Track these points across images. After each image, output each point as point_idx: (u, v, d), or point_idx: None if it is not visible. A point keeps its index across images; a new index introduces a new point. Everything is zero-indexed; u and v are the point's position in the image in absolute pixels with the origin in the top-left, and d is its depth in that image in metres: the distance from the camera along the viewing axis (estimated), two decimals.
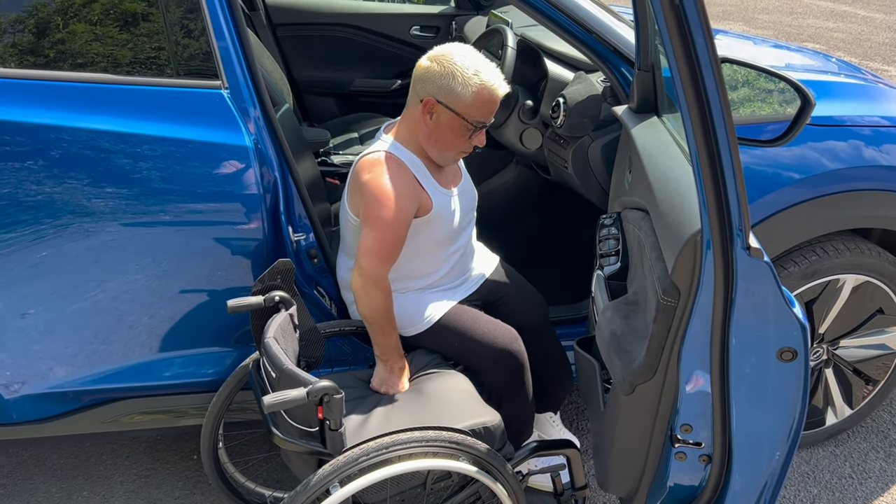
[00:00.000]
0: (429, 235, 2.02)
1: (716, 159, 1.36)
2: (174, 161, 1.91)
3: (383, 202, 1.87)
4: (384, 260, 1.89)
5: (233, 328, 2.15)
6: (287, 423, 1.68)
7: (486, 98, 1.90)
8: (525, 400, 2.16)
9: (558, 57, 2.49)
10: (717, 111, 1.33)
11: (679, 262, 1.50)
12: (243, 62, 1.95)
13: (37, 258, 1.92)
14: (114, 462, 2.53)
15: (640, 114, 2.08)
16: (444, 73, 1.88)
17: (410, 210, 1.92)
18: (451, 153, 1.99)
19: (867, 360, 2.50)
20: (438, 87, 1.89)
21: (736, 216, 1.40)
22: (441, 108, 1.91)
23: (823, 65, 2.84)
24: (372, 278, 1.87)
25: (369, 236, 1.89)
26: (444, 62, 1.89)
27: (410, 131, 1.99)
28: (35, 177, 1.85)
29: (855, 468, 2.57)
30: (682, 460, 1.71)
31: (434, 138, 1.96)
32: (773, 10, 10.15)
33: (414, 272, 2.07)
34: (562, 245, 3.08)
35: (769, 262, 1.46)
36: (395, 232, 1.89)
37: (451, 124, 1.92)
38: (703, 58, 1.29)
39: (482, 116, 1.93)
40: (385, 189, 1.88)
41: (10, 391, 2.07)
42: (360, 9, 3.94)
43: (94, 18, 1.91)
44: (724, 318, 1.50)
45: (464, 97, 1.88)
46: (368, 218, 1.90)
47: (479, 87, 1.88)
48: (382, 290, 1.89)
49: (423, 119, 1.94)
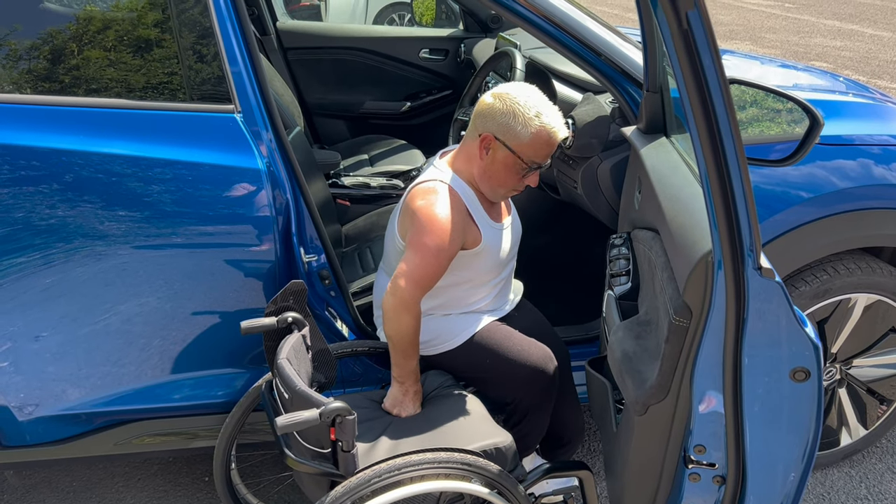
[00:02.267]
0: (478, 267, 2.04)
1: (726, 180, 1.36)
2: (187, 184, 1.93)
3: (432, 230, 1.89)
4: (420, 286, 1.89)
5: (245, 349, 2.16)
6: (300, 444, 1.68)
7: (544, 140, 1.92)
8: (545, 421, 2.17)
9: (566, 78, 2.51)
10: (726, 132, 1.33)
11: (690, 282, 1.50)
12: (255, 86, 1.97)
13: (50, 281, 1.94)
14: (126, 484, 2.54)
15: (648, 134, 2.09)
16: (506, 112, 1.91)
17: (457, 243, 1.93)
18: (502, 190, 2.01)
19: (881, 379, 2.48)
20: (498, 124, 1.92)
21: (747, 236, 1.40)
22: (498, 144, 1.93)
23: (831, 84, 2.85)
24: (404, 301, 1.87)
25: (411, 260, 1.89)
26: (508, 100, 1.92)
27: (466, 164, 2.01)
28: (48, 201, 1.87)
29: (871, 489, 2.54)
30: (696, 481, 1.70)
31: (488, 174, 1.98)
32: (780, 29, 10.19)
33: (459, 300, 2.08)
34: (571, 265, 3.08)
35: (780, 281, 1.46)
36: (437, 261, 1.90)
37: (506, 161, 1.94)
38: (712, 79, 1.30)
39: (538, 158, 1.95)
40: (435, 218, 1.89)
41: (24, 413, 2.08)
42: (370, 32, 3.99)
43: (108, 45, 1.94)
44: (737, 338, 1.50)
45: (522, 137, 1.91)
46: (414, 243, 1.90)
47: (539, 128, 1.90)
48: (413, 315, 1.89)
49: (480, 153, 1.96)
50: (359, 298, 2.47)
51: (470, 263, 2.01)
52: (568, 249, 3.16)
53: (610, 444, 2.00)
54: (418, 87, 3.84)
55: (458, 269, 1.99)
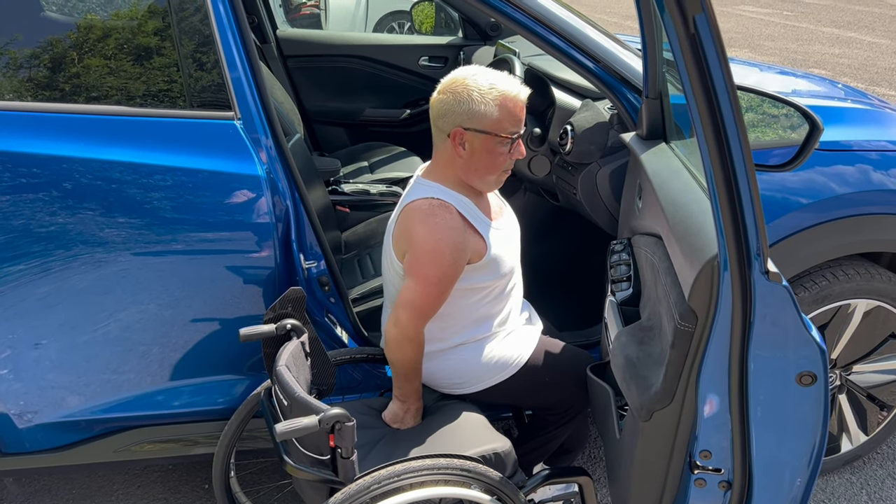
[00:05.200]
0: (492, 274, 1.95)
1: (733, 183, 1.36)
2: (187, 191, 1.93)
3: (433, 259, 1.83)
4: (423, 316, 1.86)
5: (245, 356, 2.16)
6: (299, 451, 1.67)
7: (510, 106, 1.83)
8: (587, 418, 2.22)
9: (565, 85, 2.52)
10: (733, 136, 1.33)
11: (696, 287, 1.50)
12: (255, 93, 1.97)
13: (50, 288, 1.94)
14: (125, 492, 2.53)
15: (648, 140, 2.09)
16: (461, 99, 1.83)
17: (460, 265, 1.87)
18: (493, 176, 1.92)
19: (881, 385, 2.48)
20: (460, 114, 1.83)
21: (753, 240, 1.40)
22: (471, 133, 1.84)
23: (830, 90, 2.86)
24: (407, 333, 1.85)
25: (413, 290, 1.85)
26: (457, 89, 1.84)
27: (447, 170, 1.92)
28: (49, 208, 1.87)
29: (872, 496, 2.54)
30: (702, 487, 1.70)
31: (474, 167, 1.89)
32: (778, 36, 10.21)
33: (483, 319, 2.00)
34: (571, 271, 3.08)
35: (788, 286, 1.45)
36: (438, 290, 1.85)
37: (486, 145, 1.85)
38: (720, 83, 1.30)
39: (514, 125, 1.85)
40: (435, 246, 1.83)
41: (24, 420, 2.08)
42: (370, 40, 4.00)
43: (108, 53, 1.95)
44: (743, 343, 1.50)
45: (489, 114, 1.82)
46: (416, 273, 1.85)
47: (501, 97, 1.82)
48: (416, 345, 1.87)
49: (457, 152, 1.87)
50: (358, 305, 2.47)
51: (483, 274, 1.93)
52: (567, 255, 3.16)
53: (613, 450, 1.99)
54: (418, 94, 3.84)
55: (472, 285, 1.92)
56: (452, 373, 2.01)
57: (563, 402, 2.14)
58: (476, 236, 1.90)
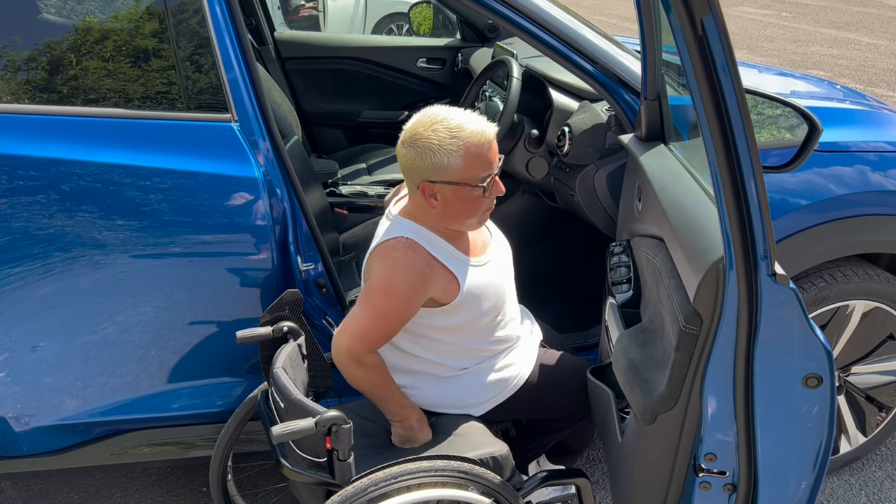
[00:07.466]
0: (473, 311, 1.87)
1: (740, 185, 1.35)
2: (184, 193, 1.93)
3: (385, 291, 1.76)
4: (366, 344, 1.78)
5: (242, 359, 2.15)
6: (296, 453, 1.67)
7: (476, 151, 1.72)
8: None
9: (563, 87, 2.51)
10: (740, 138, 1.32)
11: (701, 289, 1.49)
12: (252, 95, 1.97)
13: (48, 290, 1.94)
14: (123, 495, 2.53)
15: (646, 142, 2.09)
16: (423, 153, 1.71)
17: (414, 304, 1.79)
18: (474, 219, 1.82)
19: (879, 386, 2.48)
20: (426, 168, 1.73)
21: (760, 242, 1.39)
22: (439, 186, 1.74)
23: (828, 91, 2.86)
24: (352, 358, 1.77)
25: (360, 317, 1.77)
26: (417, 143, 1.73)
27: (423, 216, 1.83)
28: (47, 210, 1.87)
29: (871, 497, 2.53)
30: (707, 490, 1.69)
31: (450, 215, 1.79)
32: (776, 38, 10.22)
33: (475, 350, 1.95)
34: (569, 273, 3.08)
35: (794, 288, 1.44)
36: (387, 323, 1.78)
37: (458, 195, 1.75)
38: (727, 85, 1.29)
39: (483, 170, 1.74)
40: (390, 279, 1.75)
41: (21, 423, 2.07)
42: (368, 42, 4.00)
43: (106, 55, 1.95)
44: (749, 345, 1.49)
45: (454, 165, 1.71)
46: (366, 301, 1.77)
47: (464, 147, 1.71)
48: (365, 367, 1.79)
49: (429, 203, 1.77)
50: None
51: (460, 314, 1.85)
52: (565, 257, 3.16)
53: (615, 452, 1.98)
54: (416, 96, 3.85)
55: (456, 324, 1.86)
56: (455, 398, 1.97)
57: (564, 409, 2.14)
58: (447, 276, 1.81)
